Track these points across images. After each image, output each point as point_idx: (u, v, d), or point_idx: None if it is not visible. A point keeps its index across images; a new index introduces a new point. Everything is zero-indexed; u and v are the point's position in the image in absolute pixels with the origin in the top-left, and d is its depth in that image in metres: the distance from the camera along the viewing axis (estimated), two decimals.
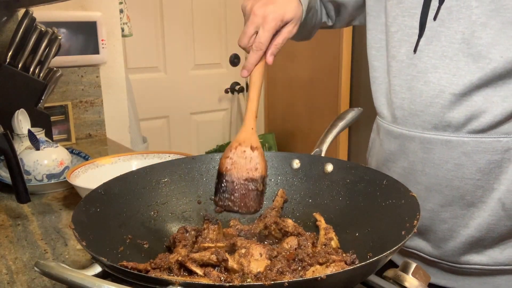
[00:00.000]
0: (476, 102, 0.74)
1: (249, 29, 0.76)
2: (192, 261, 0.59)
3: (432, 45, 0.77)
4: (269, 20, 0.75)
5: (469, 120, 0.75)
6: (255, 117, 0.76)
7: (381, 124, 0.88)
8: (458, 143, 0.76)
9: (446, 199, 0.80)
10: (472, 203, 0.78)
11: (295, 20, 0.79)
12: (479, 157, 0.75)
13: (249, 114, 0.76)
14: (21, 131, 1.23)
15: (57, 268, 0.45)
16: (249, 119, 0.75)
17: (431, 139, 0.78)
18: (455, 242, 0.81)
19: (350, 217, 0.69)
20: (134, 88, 2.07)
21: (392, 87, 0.83)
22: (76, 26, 1.59)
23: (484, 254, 0.80)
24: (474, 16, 0.72)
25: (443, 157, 0.78)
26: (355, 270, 0.49)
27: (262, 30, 0.75)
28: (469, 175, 0.76)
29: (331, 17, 1.03)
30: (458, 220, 0.80)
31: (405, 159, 0.83)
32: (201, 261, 0.59)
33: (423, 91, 0.78)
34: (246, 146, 0.73)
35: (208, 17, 2.89)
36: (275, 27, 0.76)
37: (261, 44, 0.76)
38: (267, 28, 0.75)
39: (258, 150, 0.74)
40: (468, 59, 0.73)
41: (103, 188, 0.67)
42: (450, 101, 0.75)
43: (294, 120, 3.05)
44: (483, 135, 0.75)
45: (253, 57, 0.76)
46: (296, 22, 0.79)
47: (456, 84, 0.74)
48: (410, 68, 0.80)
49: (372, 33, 0.89)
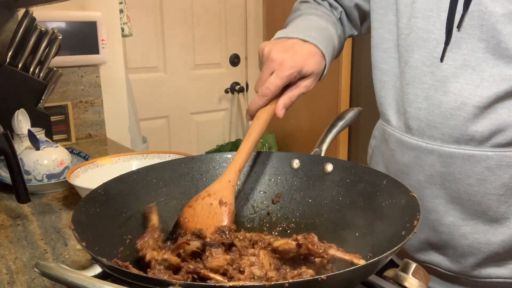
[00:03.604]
0: (501, 115, 0.70)
1: (265, 75, 0.70)
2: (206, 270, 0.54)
3: (451, 53, 0.71)
4: (285, 68, 0.69)
5: (493, 133, 0.70)
6: (239, 171, 0.67)
7: (391, 132, 0.83)
8: (482, 157, 0.72)
9: (467, 214, 0.76)
10: (495, 219, 0.74)
11: (315, 75, 0.73)
12: (503, 172, 0.71)
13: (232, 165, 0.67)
14: (21, 131, 1.23)
15: (57, 269, 0.45)
16: (230, 171, 0.67)
17: (452, 153, 0.73)
18: (476, 258, 0.77)
19: (350, 217, 0.69)
20: (134, 88, 2.07)
21: (406, 95, 0.78)
22: (76, 26, 1.59)
23: (506, 267, 0.77)
24: (500, 24, 0.66)
25: (464, 172, 0.73)
26: (355, 271, 0.49)
27: (275, 75, 0.69)
28: (492, 190, 0.73)
29: (356, 27, 0.96)
30: (480, 236, 0.76)
31: (420, 172, 0.78)
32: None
33: (443, 101, 0.72)
34: (215, 199, 0.66)
35: (208, 17, 2.89)
36: (290, 76, 0.70)
37: (268, 90, 0.69)
38: (280, 75, 0.69)
39: (227, 206, 0.65)
40: (493, 70, 0.68)
41: (103, 188, 0.67)
42: (474, 113, 0.70)
43: (294, 120, 3.04)
44: (508, 149, 0.71)
45: (257, 101, 0.70)
46: (315, 77, 0.73)
47: (480, 96, 0.69)
48: (427, 76, 0.74)
49: (378, 32, 0.83)
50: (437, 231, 0.80)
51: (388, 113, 0.84)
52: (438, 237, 0.80)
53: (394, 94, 0.82)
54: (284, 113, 0.70)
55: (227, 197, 0.66)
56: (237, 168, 0.67)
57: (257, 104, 0.70)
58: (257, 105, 0.70)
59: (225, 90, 3.06)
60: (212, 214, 0.64)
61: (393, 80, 0.82)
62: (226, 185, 0.66)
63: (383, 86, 0.84)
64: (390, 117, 0.83)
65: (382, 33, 0.82)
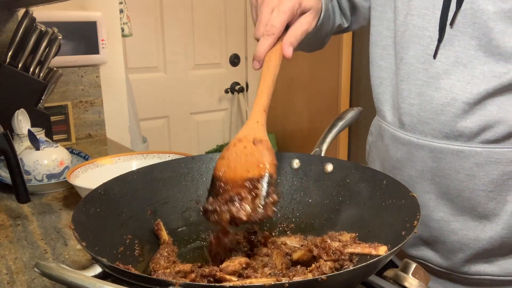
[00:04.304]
0: (490, 111, 0.70)
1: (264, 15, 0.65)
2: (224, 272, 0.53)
3: (444, 50, 0.72)
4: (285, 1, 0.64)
5: (482, 130, 0.71)
6: (264, 111, 0.63)
7: (386, 128, 0.84)
8: (471, 153, 0.72)
9: (456, 210, 0.76)
10: (484, 215, 0.75)
11: (314, 11, 0.69)
12: (492, 168, 0.72)
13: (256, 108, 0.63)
14: (21, 131, 1.23)
15: (57, 269, 0.45)
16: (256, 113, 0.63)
17: (442, 148, 0.74)
18: (465, 254, 0.78)
19: (350, 217, 0.69)
20: (134, 88, 2.07)
21: (400, 92, 0.79)
22: (76, 26, 1.59)
23: (495, 265, 0.78)
24: (491, 22, 0.67)
25: (454, 167, 0.74)
26: (355, 271, 0.49)
27: (276, 11, 0.64)
28: (481, 186, 0.73)
29: (346, 18, 0.96)
30: (469, 232, 0.76)
31: (412, 168, 0.79)
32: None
33: (434, 97, 0.74)
34: (248, 141, 0.61)
35: (208, 17, 2.89)
36: (292, 8, 0.65)
37: (273, 27, 0.64)
38: (282, 9, 0.64)
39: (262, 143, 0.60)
40: (484, 67, 0.69)
41: (103, 188, 0.67)
42: (463, 109, 0.71)
43: (294, 120, 3.05)
44: (497, 146, 0.71)
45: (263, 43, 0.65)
46: (315, 13, 0.69)
47: (469, 93, 0.70)
48: (421, 72, 0.75)
49: (377, 30, 0.84)
50: (427, 227, 0.81)
51: (384, 109, 0.84)
52: (429, 232, 0.81)
53: (391, 91, 0.83)
54: (292, 52, 0.65)
55: (260, 135, 0.61)
56: (262, 108, 0.63)
57: (265, 45, 0.65)
58: (264, 47, 0.65)
59: (225, 90, 3.06)
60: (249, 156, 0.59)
61: (390, 77, 0.82)
62: (256, 125, 0.62)
63: (381, 82, 0.84)
64: (386, 113, 0.84)
65: (381, 30, 0.83)
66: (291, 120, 3.07)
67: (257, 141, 0.60)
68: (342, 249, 0.57)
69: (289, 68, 2.96)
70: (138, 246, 0.65)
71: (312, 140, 2.79)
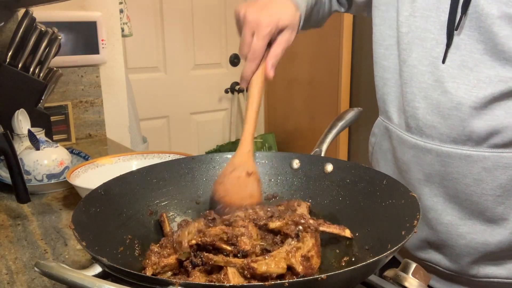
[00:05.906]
0: (498, 116, 0.70)
1: (247, 37, 0.72)
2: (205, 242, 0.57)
3: (450, 53, 0.71)
4: (263, 27, 0.71)
5: (490, 134, 0.70)
6: (252, 138, 0.72)
7: (393, 130, 0.83)
8: (479, 158, 0.72)
9: (464, 213, 0.76)
10: (493, 220, 0.74)
11: (291, 27, 0.75)
12: (500, 173, 0.71)
13: (245, 135, 0.72)
14: (21, 131, 1.23)
15: (57, 268, 0.45)
16: (246, 141, 0.71)
17: (450, 152, 0.74)
18: (473, 257, 0.77)
19: (350, 217, 0.69)
20: (134, 88, 2.07)
21: (404, 94, 0.78)
22: (76, 26, 1.59)
23: (504, 267, 0.77)
24: (496, 27, 0.67)
25: (462, 172, 0.73)
26: (355, 270, 0.49)
27: (256, 37, 0.71)
28: (489, 191, 0.72)
29: (343, 5, 0.97)
30: (477, 236, 0.76)
31: (419, 171, 0.79)
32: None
33: (441, 101, 0.73)
34: (241, 171, 0.70)
35: (208, 17, 2.89)
36: (269, 33, 0.72)
37: (255, 53, 0.71)
38: (261, 35, 0.71)
39: (254, 175, 0.70)
40: (490, 71, 0.69)
41: (103, 188, 0.67)
42: (470, 114, 0.70)
43: (294, 120, 3.04)
44: (505, 150, 0.71)
45: (248, 67, 0.72)
46: (292, 29, 0.75)
47: (476, 97, 0.69)
48: (425, 75, 0.74)
49: (380, 29, 0.83)
50: (435, 230, 0.80)
51: (390, 110, 0.84)
52: (436, 236, 0.80)
53: (395, 92, 0.82)
54: (273, 72, 0.73)
55: (251, 167, 0.71)
56: (251, 137, 0.72)
57: (250, 69, 0.72)
58: (250, 70, 0.72)
59: (225, 90, 3.06)
60: (243, 187, 0.69)
61: (394, 78, 0.82)
62: (247, 155, 0.71)
63: (385, 83, 0.84)
64: (392, 115, 0.83)
65: (384, 30, 0.82)
66: (291, 120, 3.07)
67: (249, 174, 0.70)
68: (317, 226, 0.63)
69: (289, 68, 2.96)
70: (138, 246, 0.65)
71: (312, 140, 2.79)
